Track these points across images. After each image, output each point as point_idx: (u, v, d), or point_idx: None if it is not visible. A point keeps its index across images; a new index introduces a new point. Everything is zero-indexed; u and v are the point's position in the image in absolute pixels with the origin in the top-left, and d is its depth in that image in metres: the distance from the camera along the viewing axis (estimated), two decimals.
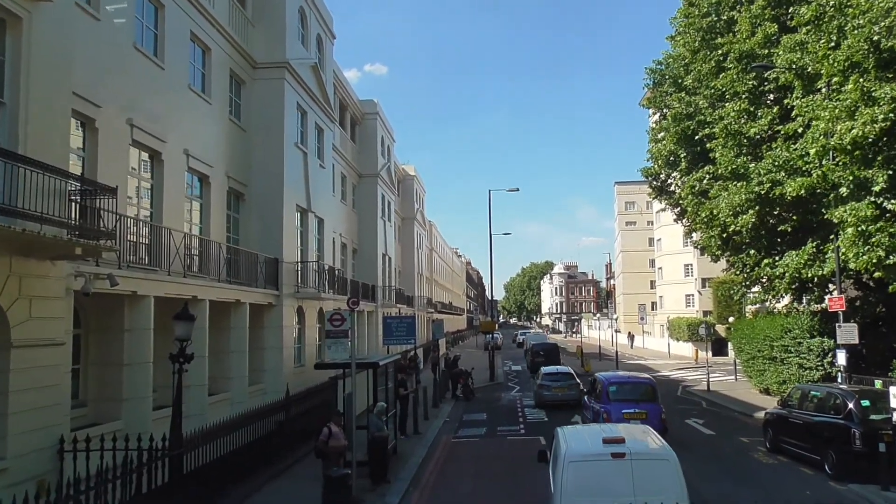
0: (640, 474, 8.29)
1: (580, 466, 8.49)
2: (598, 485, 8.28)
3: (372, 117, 40.79)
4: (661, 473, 8.35)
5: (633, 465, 8.35)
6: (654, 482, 8.21)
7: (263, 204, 22.41)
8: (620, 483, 8.21)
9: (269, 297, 21.58)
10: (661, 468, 8.42)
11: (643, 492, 8.05)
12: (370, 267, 39.35)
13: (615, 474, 8.31)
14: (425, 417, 23.40)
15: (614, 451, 8.49)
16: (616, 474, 8.31)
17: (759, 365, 28.39)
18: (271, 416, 15.72)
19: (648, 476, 8.29)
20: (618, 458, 8.39)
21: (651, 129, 35.59)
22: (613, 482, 8.25)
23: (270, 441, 15.72)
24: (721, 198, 26.76)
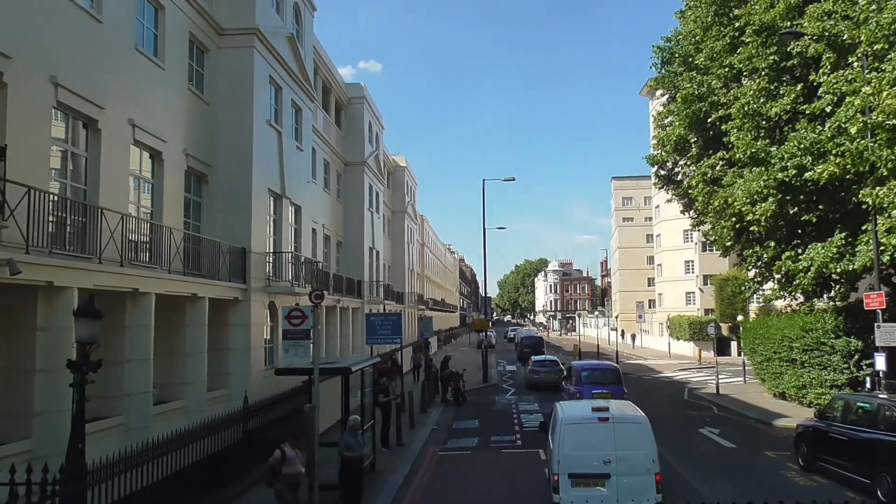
0: (620, 434, 10.95)
1: (574, 428, 11.22)
2: (588, 441, 10.96)
3: (358, 102, 38.35)
4: (637, 433, 11.00)
5: (614, 426, 11.03)
6: (630, 440, 10.90)
7: (230, 187, 19.98)
8: (605, 440, 10.87)
9: (235, 292, 19.17)
10: (636, 429, 11.06)
11: (622, 447, 10.79)
12: (356, 261, 36.96)
13: (601, 433, 10.96)
14: (411, 426, 21.07)
15: (601, 416, 11.18)
16: (602, 433, 10.95)
17: (775, 367, 26.13)
18: (222, 430, 13.31)
19: (626, 435, 10.95)
20: (603, 422, 11.09)
21: (657, 113, 33.26)
22: (600, 439, 10.90)
23: (225, 459, 13.37)
24: (736, 185, 24.51)
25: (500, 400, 28.46)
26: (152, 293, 14.39)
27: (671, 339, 56.88)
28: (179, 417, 15.48)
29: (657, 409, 25.38)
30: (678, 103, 28.30)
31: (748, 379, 33.58)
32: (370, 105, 39.94)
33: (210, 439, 12.88)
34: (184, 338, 16.55)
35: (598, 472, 10.77)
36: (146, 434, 12.61)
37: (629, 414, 11.73)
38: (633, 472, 10.76)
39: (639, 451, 10.85)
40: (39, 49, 12.10)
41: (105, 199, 13.71)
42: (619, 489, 10.68)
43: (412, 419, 21.32)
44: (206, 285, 17.15)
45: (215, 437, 13.06)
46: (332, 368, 12.91)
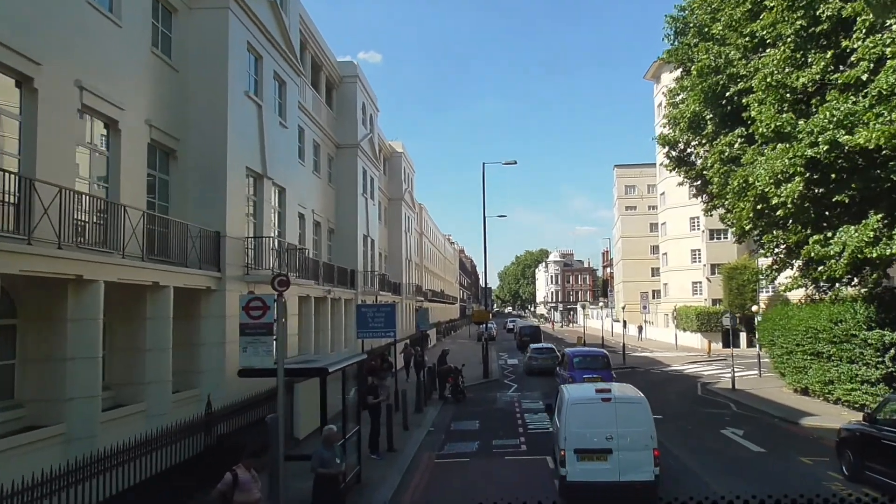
0: (621, 412, 12.07)
1: (579, 407, 12.34)
2: (592, 419, 12.00)
3: (351, 81, 36.26)
4: (637, 412, 12.10)
5: (616, 406, 12.17)
6: (631, 418, 11.98)
7: (202, 164, 17.99)
8: (607, 418, 11.94)
9: (208, 280, 17.21)
10: (636, 409, 12.20)
11: (623, 425, 11.87)
12: (349, 249, 34.98)
13: (604, 412, 12.05)
14: (405, 427, 19.17)
15: (603, 397, 12.31)
16: (604, 412, 12.05)
17: (798, 361, 24.23)
18: (176, 441, 11.39)
19: (627, 414, 12.06)
20: (606, 402, 12.21)
21: (668, 90, 31.19)
22: (602, 418, 11.96)
23: (183, 475, 11.47)
24: (757, 164, 22.53)
25: (501, 397, 26.54)
26: (101, 281, 12.43)
27: (678, 331, 54.96)
28: (138, 422, 13.58)
29: (671, 406, 23.54)
30: (693, 77, 26.27)
31: (763, 372, 31.72)
32: (363, 85, 37.87)
33: (162, 452, 10.94)
34: (144, 332, 14.61)
35: (601, 447, 11.86)
36: (91, 445, 10.75)
37: (629, 395, 13.01)
38: (633, 447, 11.79)
39: (638, 428, 11.93)
40: None
41: (44, 172, 11.74)
42: (620, 463, 11.71)
43: (406, 420, 19.42)
44: (171, 273, 15.19)
45: (165, 450, 11.11)
46: (304, 369, 10.99)
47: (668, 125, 30.50)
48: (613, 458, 11.74)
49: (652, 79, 67.00)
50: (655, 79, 66.23)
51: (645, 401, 12.50)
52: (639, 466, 11.69)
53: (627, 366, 37.76)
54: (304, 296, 26.14)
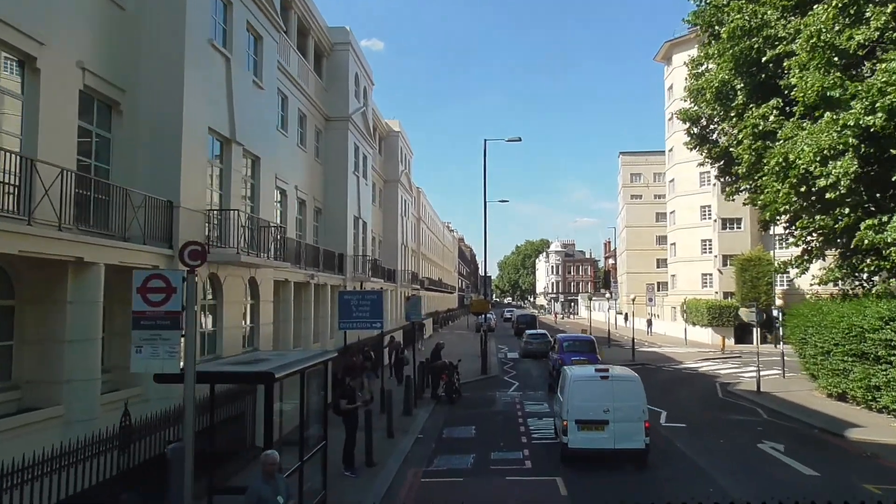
0: (617, 388, 14.08)
1: (580, 384, 14.30)
2: (592, 395, 13.96)
3: (343, 48, 33.32)
4: (631, 389, 14.14)
5: (613, 383, 14.20)
6: (626, 393, 13.97)
7: (152, 121, 15.16)
8: (605, 394, 13.94)
9: (155, 258, 14.39)
10: (630, 386, 14.24)
11: (619, 399, 13.82)
12: (338, 231, 32.18)
13: (602, 388, 14.06)
14: (388, 434, 16.45)
15: (602, 375, 14.42)
16: (602, 388, 14.06)
17: (836, 362, 21.48)
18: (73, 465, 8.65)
19: (622, 390, 14.07)
20: (604, 379, 14.25)
21: (690, 60, 28.29)
22: (601, 393, 13.96)
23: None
24: (799, 138, 19.73)
25: (501, 397, 23.77)
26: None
27: (687, 325, 52.24)
28: (53, 430, 10.86)
29: (693, 412, 20.86)
30: (722, 42, 23.40)
31: (788, 373, 29.01)
32: (357, 54, 34.91)
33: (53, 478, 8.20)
34: (64, 319, 11.83)
35: (599, 418, 13.61)
36: None
37: (625, 374, 14.94)
38: (627, 419, 13.54)
39: (632, 403, 13.75)
40: None
41: None
42: (615, 432, 13.52)
43: (390, 425, 16.68)
44: (102, 247, 12.38)
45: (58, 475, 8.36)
46: (240, 373, 8.20)
47: (689, 98, 27.65)
48: (610, 428, 13.71)
49: (663, 60, 64.02)
50: (666, 60, 63.26)
51: (638, 379, 14.59)
52: (632, 436, 13.63)
53: (637, 362, 34.96)
54: (281, 280, 23.39)
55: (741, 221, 52.69)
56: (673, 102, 59.94)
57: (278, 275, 22.26)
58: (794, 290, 48.40)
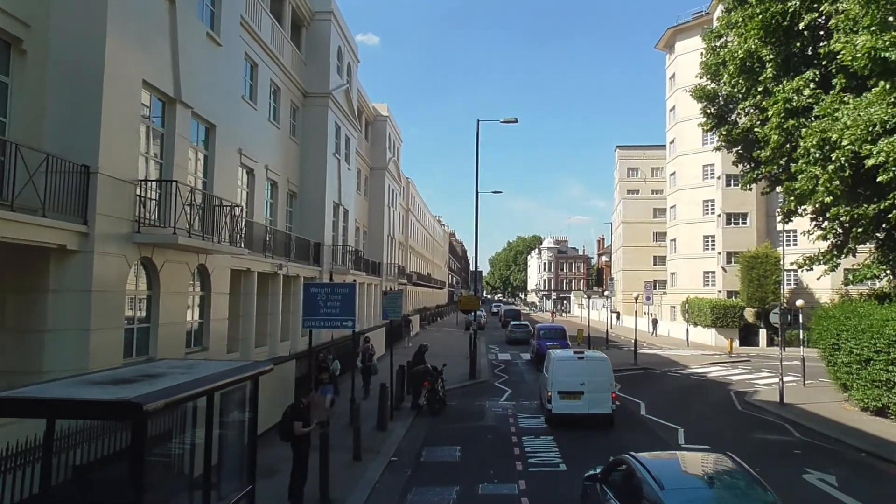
0: (590, 367, 17.78)
1: (562, 363, 18.06)
2: (571, 371, 17.64)
3: (324, 18, 30.29)
4: (601, 366, 17.89)
5: (587, 362, 18.01)
6: (597, 370, 17.68)
7: (66, 66, 12.19)
8: (581, 371, 17.61)
9: (62, 235, 11.41)
10: (601, 364, 18.01)
11: (591, 374, 17.47)
12: (315, 218, 29.22)
13: (579, 366, 17.81)
14: (355, 457, 13.55)
15: (579, 356, 18.34)
16: (579, 367, 17.80)
17: (878, 373, 18.73)
18: None
19: (594, 368, 17.77)
20: (580, 360, 18.10)
21: (709, 33, 25.40)
22: (578, 370, 17.64)
23: None
24: (842, 113, 16.95)
25: (491, 408, 20.80)
26: None
27: (689, 326, 49.53)
28: None
29: (711, 429, 18.03)
30: (750, 7, 20.53)
31: (807, 380, 26.31)
32: (340, 25, 31.88)
33: None
34: None
35: (576, 390, 17.51)
36: None
37: (596, 355, 19.14)
38: (598, 390, 17.46)
39: (601, 378, 17.66)
40: None
41: None
42: (589, 401, 17.43)
43: (357, 445, 13.75)
44: None
45: None
46: (85, 403, 5.23)
47: (705, 75, 24.80)
48: (584, 397, 17.43)
49: (664, 49, 61.24)
50: (668, 49, 60.50)
51: (607, 359, 18.49)
52: (601, 403, 17.41)
53: (640, 366, 32.23)
54: (242, 270, 20.42)
55: (747, 216, 50.01)
56: (675, 92, 57.26)
57: (237, 263, 19.32)
58: (802, 290, 45.84)
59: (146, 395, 5.43)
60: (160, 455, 7.16)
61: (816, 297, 43.72)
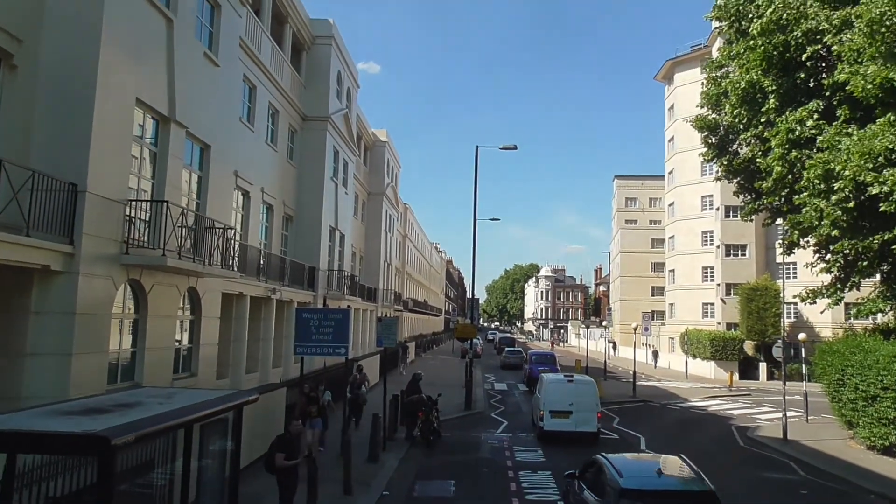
0: (578, 389, 19.84)
1: (553, 385, 20.22)
2: (561, 393, 19.71)
3: (324, 43, 30.27)
4: (588, 389, 19.93)
5: (576, 385, 20.07)
6: (584, 392, 19.70)
7: (57, 82, 11.93)
8: (570, 392, 19.66)
9: (45, 255, 11.02)
10: (588, 386, 20.06)
11: (579, 396, 19.49)
12: (310, 242, 28.87)
13: (568, 388, 19.88)
14: (345, 491, 13.01)
15: (568, 379, 20.57)
16: (569, 388, 19.87)
17: (886, 410, 18.26)
18: None
19: (582, 390, 19.80)
20: (570, 382, 20.21)
21: (710, 63, 25.35)
22: (568, 392, 19.71)
23: None
24: (844, 145, 16.77)
25: (487, 440, 20.20)
26: None
27: (688, 358, 48.96)
28: None
29: (714, 467, 17.26)
30: (752, 38, 20.44)
31: (811, 416, 25.78)
32: (340, 50, 31.86)
33: None
34: None
35: (565, 409, 19.45)
36: None
37: (583, 378, 21.39)
38: (585, 409, 19.41)
39: (588, 399, 19.63)
40: None
41: None
42: (577, 419, 19.32)
43: (348, 478, 13.21)
44: None
45: None
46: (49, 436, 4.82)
47: (706, 105, 24.68)
48: (573, 416, 19.40)
49: (663, 80, 61.58)
50: (667, 80, 60.83)
51: (593, 382, 20.77)
52: (588, 422, 19.35)
53: (638, 399, 31.63)
54: (235, 293, 19.99)
55: (746, 248, 49.75)
56: (674, 123, 57.43)
57: (229, 286, 18.89)
58: (802, 323, 45.41)
59: (115, 427, 5.00)
60: (133, 490, 6.67)
61: (817, 331, 43.29)
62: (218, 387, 18.12)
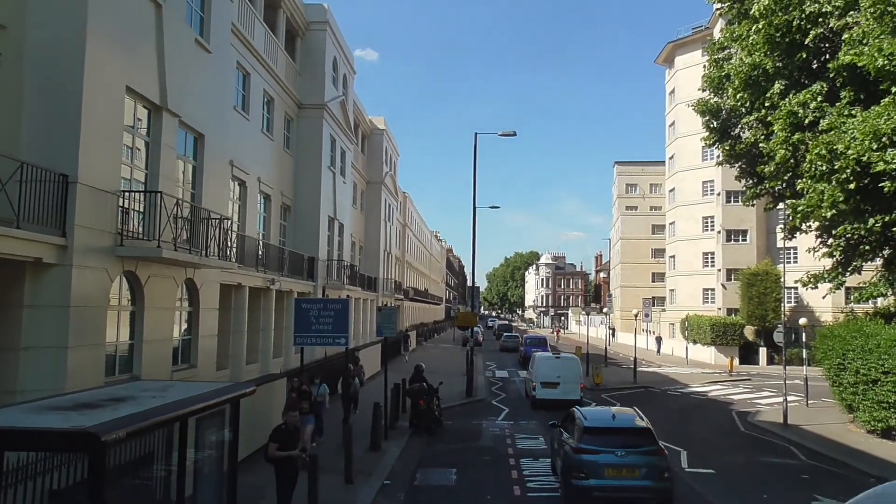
0: (564, 364, 24.13)
1: (543, 360, 24.75)
2: (550, 368, 23.96)
3: (319, 28, 29.94)
4: (572, 364, 24.27)
5: (563, 360, 24.53)
6: (569, 367, 23.96)
7: (44, 69, 11.73)
8: (558, 367, 23.88)
9: (38, 248, 10.86)
10: (572, 362, 24.50)
11: (565, 370, 23.72)
12: (309, 232, 28.72)
13: (556, 363, 24.22)
14: (346, 480, 12.96)
15: (556, 356, 25.37)
16: (556, 363, 24.22)
17: (887, 394, 18.18)
18: None
19: (567, 364, 24.10)
20: (557, 359, 24.76)
21: (712, 45, 25.06)
22: (555, 366, 23.93)
23: None
24: (848, 126, 16.56)
25: (488, 427, 20.16)
26: None
27: (688, 343, 48.93)
28: None
29: (715, 452, 17.45)
30: (754, 19, 20.19)
31: (810, 400, 25.74)
32: (335, 36, 31.54)
33: None
34: None
35: (554, 380, 23.58)
36: None
37: (568, 356, 25.72)
38: (570, 381, 23.43)
39: (573, 372, 23.83)
40: None
41: None
42: (563, 389, 23.22)
43: (349, 468, 13.14)
44: None
45: None
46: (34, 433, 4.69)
47: (708, 88, 24.43)
48: (560, 387, 23.47)
49: (664, 63, 61.17)
50: (668, 63, 60.43)
51: (577, 358, 25.58)
52: (572, 391, 23.19)
53: (639, 384, 31.61)
54: (233, 285, 19.87)
55: (747, 233, 49.60)
56: (675, 107, 57.09)
57: (227, 277, 18.75)
58: (802, 308, 45.35)
59: (105, 423, 4.88)
60: (130, 483, 6.55)
61: (817, 316, 43.21)
62: (218, 378, 18.04)
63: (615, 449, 11.51)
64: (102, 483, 5.02)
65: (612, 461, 11.35)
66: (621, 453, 11.44)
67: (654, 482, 11.28)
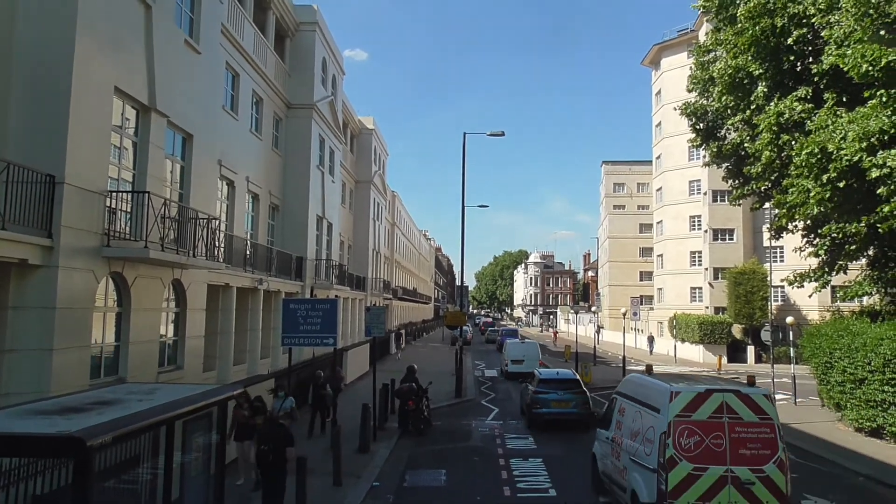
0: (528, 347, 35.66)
1: (511, 345, 36.16)
2: (517, 349, 35.27)
3: (308, 29, 29.84)
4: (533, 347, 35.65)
5: (526, 345, 36.50)
6: (531, 349, 35.08)
7: (32, 69, 11.63)
8: (522, 349, 35.23)
9: (23, 249, 10.75)
10: (533, 346, 35.95)
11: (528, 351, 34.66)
12: (297, 232, 28.61)
13: (521, 346, 36.00)
14: (335, 482, 12.90)
15: (521, 341, 40.35)
16: (522, 346, 36.00)
17: (873, 393, 18.35)
18: None
19: (530, 347, 35.46)
20: (522, 343, 37.44)
21: (698, 48, 25.18)
22: (520, 349, 35.38)
23: None
24: (838, 126, 16.69)
25: (478, 428, 20.15)
26: None
27: (676, 342, 49.18)
28: None
29: None
30: (739, 23, 20.31)
31: (798, 398, 25.92)
32: (325, 36, 31.44)
33: None
34: None
35: (520, 358, 33.20)
36: None
37: (530, 341, 39.01)
38: (531, 359, 32.70)
39: (534, 352, 33.94)
40: None
41: None
42: (527, 364, 31.57)
43: (338, 470, 13.10)
44: None
45: None
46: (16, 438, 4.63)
47: (695, 89, 24.56)
48: (524, 363, 32.16)
49: (650, 65, 61.44)
50: (654, 65, 60.70)
51: (536, 343, 37.05)
52: (534, 366, 29.13)
53: None
54: (220, 285, 19.76)
55: (734, 232, 49.94)
56: (661, 108, 57.36)
57: (215, 278, 18.64)
58: (789, 306, 45.66)
59: (91, 428, 4.83)
60: (115, 487, 6.50)
61: (804, 314, 43.57)
62: (205, 379, 17.92)
63: (557, 391, 19.44)
64: (88, 488, 4.97)
65: (555, 398, 19.26)
66: (561, 393, 19.35)
67: (580, 411, 19.19)
